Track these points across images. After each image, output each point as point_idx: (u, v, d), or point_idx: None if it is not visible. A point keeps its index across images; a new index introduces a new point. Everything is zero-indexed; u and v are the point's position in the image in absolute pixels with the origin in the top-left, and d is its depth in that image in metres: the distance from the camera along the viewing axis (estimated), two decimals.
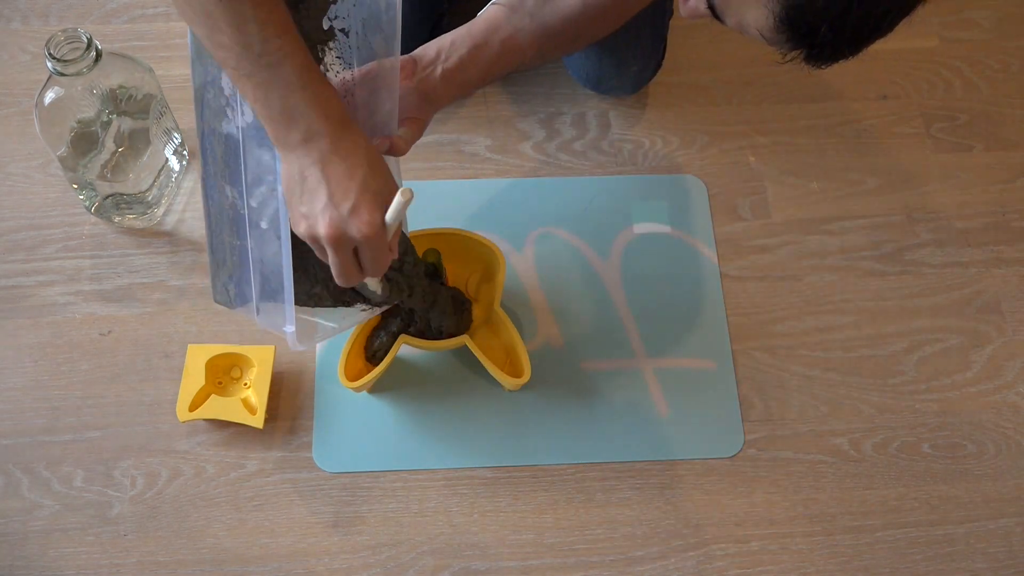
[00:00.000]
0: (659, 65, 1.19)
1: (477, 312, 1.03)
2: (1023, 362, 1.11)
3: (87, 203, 1.12)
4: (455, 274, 1.04)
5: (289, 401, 1.05)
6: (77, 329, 1.08)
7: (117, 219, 1.13)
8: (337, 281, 0.80)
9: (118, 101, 1.05)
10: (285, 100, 0.73)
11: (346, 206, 0.75)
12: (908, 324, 1.12)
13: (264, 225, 0.83)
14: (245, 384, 1.04)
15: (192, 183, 1.17)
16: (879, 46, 1.36)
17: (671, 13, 1.17)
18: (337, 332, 0.94)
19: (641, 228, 1.16)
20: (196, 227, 1.14)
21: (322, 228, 0.75)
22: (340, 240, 0.76)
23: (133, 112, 1.06)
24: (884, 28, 0.72)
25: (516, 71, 0.94)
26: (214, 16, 0.71)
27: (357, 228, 0.75)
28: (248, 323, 1.09)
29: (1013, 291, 1.15)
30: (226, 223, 0.86)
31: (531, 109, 1.23)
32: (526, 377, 0.98)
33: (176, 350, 1.07)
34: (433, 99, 0.90)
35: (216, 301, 0.90)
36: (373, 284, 0.88)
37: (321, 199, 0.75)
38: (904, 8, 0.72)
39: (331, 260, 0.79)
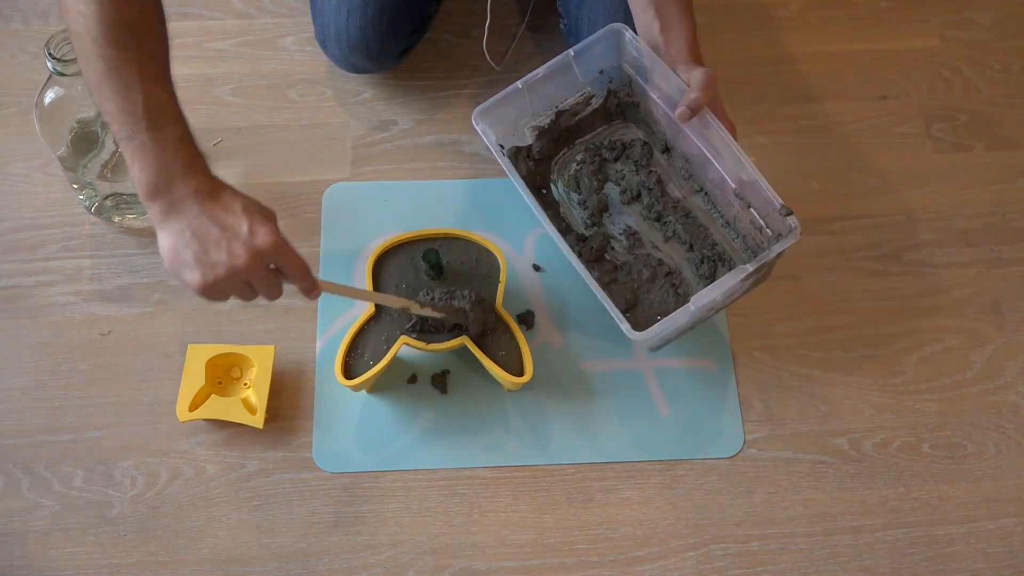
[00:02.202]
0: None
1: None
2: (1023, 362, 1.11)
3: (87, 203, 1.12)
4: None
5: (289, 401, 1.05)
6: (77, 329, 1.08)
7: (117, 219, 1.13)
8: (268, 298, 0.83)
9: None
10: (159, 161, 0.80)
11: (243, 229, 0.79)
12: (908, 324, 1.12)
13: None
14: (245, 384, 1.04)
15: None
16: (879, 46, 1.36)
17: None
18: None
19: None
20: None
21: (239, 259, 0.78)
22: (256, 259, 0.79)
23: None
24: None
25: None
26: (103, 85, 0.79)
27: (263, 241, 0.79)
28: (248, 323, 1.09)
29: (1013, 291, 1.15)
30: None
31: None
32: (528, 376, 0.98)
33: (176, 350, 1.07)
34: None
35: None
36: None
37: (216, 238, 0.79)
38: None
39: (257, 283, 0.81)
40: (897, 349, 1.11)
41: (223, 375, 1.05)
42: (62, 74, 0.97)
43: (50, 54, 0.96)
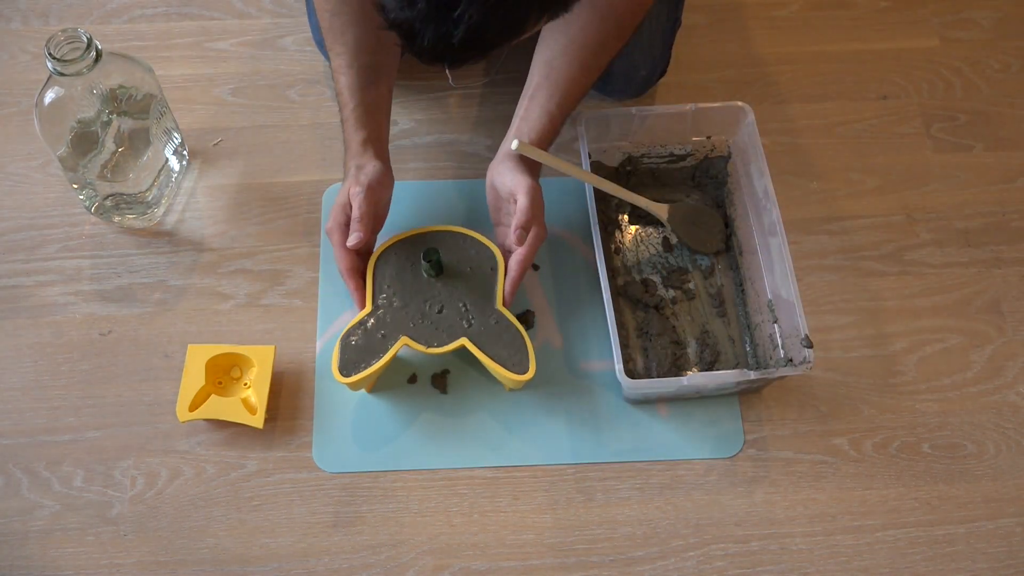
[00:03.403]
0: (664, 72, 1.21)
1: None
2: (1023, 362, 1.11)
3: (87, 203, 1.12)
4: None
5: (289, 401, 1.05)
6: (77, 329, 1.08)
7: (117, 219, 1.13)
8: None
9: (118, 101, 1.05)
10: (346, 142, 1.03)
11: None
12: (908, 324, 1.12)
13: None
14: (245, 384, 1.04)
15: (192, 183, 1.17)
16: (879, 46, 1.36)
17: (679, 24, 1.20)
18: None
19: None
20: (196, 227, 1.14)
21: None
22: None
23: (133, 112, 1.06)
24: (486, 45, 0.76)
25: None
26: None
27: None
28: (248, 323, 1.09)
29: (1013, 291, 1.15)
30: None
31: None
32: (531, 374, 0.98)
33: (176, 350, 1.07)
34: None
35: None
36: None
37: None
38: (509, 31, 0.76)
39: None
40: (897, 349, 1.11)
41: (223, 375, 1.05)
42: (62, 74, 0.97)
43: (50, 54, 0.96)
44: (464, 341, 0.99)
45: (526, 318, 1.09)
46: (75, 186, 1.11)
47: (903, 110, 1.26)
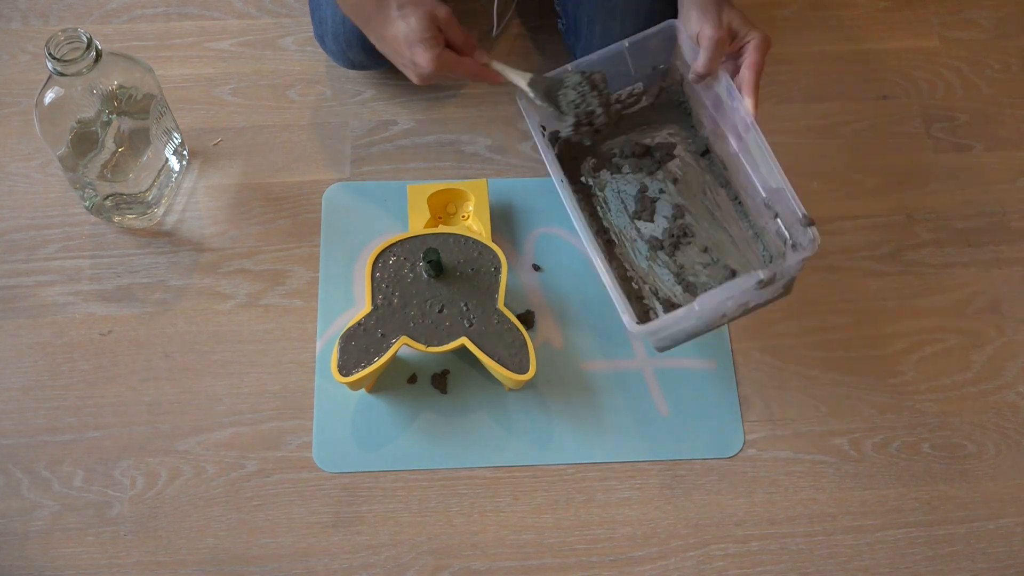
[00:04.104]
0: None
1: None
2: (1023, 362, 1.11)
3: (87, 203, 1.12)
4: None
5: (289, 401, 1.05)
6: (77, 329, 1.08)
7: (117, 219, 1.13)
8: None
9: (118, 101, 1.05)
10: None
11: (407, 61, 0.99)
12: (908, 324, 1.12)
13: None
14: (463, 216, 1.12)
15: (192, 183, 1.17)
16: (879, 46, 1.35)
17: None
18: None
19: None
20: (196, 227, 1.14)
21: (418, 78, 1.01)
22: (428, 78, 1.00)
23: (133, 112, 1.06)
24: None
25: None
26: None
27: (425, 70, 0.99)
28: (248, 323, 1.09)
29: (1013, 291, 1.15)
30: None
31: None
32: (531, 374, 0.98)
33: (176, 350, 1.07)
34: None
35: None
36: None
37: (400, 63, 1.01)
38: None
39: (443, 79, 1.03)
40: (897, 349, 1.11)
41: (441, 211, 1.13)
42: (62, 74, 0.97)
43: (50, 54, 0.96)
44: (464, 341, 0.99)
45: (526, 318, 1.09)
46: (75, 186, 1.11)
47: (903, 110, 1.26)
